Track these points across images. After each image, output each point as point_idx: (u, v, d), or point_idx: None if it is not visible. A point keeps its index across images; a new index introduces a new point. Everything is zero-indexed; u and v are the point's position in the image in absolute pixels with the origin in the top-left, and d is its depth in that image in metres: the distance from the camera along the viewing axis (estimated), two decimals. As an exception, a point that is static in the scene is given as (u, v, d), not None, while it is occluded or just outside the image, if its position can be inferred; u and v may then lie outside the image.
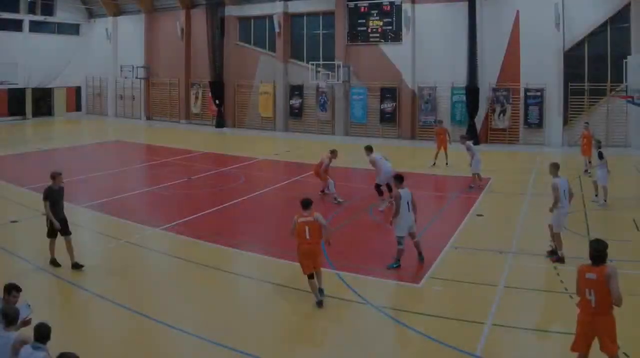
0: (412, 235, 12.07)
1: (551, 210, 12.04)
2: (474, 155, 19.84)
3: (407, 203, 11.79)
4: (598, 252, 6.98)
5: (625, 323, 7.57)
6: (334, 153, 18.10)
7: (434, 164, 24.34)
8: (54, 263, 11.77)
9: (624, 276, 7.72)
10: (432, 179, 22.39)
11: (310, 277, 10.08)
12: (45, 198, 11.63)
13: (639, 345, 7.23)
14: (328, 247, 10.99)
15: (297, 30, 38.32)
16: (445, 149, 24.28)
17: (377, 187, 17.08)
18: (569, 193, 12.12)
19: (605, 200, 16.82)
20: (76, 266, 11.62)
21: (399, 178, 12.41)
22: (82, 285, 10.94)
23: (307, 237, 10.09)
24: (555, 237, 12.03)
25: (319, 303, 9.97)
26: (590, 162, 21.52)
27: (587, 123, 24.79)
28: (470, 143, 20.77)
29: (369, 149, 17.77)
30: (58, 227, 11.57)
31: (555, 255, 11.98)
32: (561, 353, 7.79)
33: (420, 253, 12.09)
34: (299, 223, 10.19)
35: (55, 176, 11.86)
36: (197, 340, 8.68)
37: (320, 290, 10.13)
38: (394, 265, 11.81)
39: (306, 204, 10.41)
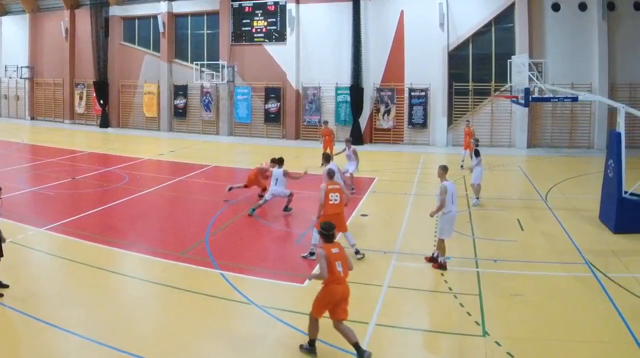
0: None
1: (432, 215, 9.85)
2: (357, 158, 15.89)
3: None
4: (330, 230, 6.55)
5: (511, 324, 6.89)
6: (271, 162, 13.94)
7: (322, 164, 18.56)
8: None
9: (511, 276, 6.58)
10: (318, 179, 16.66)
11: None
12: None
13: (523, 344, 6.05)
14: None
15: (182, 30, 30.82)
16: (331, 149, 19.25)
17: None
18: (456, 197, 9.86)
19: (477, 198, 13.98)
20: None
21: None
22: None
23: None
24: (439, 243, 9.60)
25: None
26: (471, 156, 17.12)
27: (467, 121, 21.63)
28: (354, 148, 16.41)
29: (327, 159, 13.03)
30: None
31: (436, 262, 9.60)
32: (445, 352, 6.81)
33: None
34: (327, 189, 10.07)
35: None
36: (83, 340, 6.85)
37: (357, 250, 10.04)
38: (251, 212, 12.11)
39: (331, 174, 10.45)
